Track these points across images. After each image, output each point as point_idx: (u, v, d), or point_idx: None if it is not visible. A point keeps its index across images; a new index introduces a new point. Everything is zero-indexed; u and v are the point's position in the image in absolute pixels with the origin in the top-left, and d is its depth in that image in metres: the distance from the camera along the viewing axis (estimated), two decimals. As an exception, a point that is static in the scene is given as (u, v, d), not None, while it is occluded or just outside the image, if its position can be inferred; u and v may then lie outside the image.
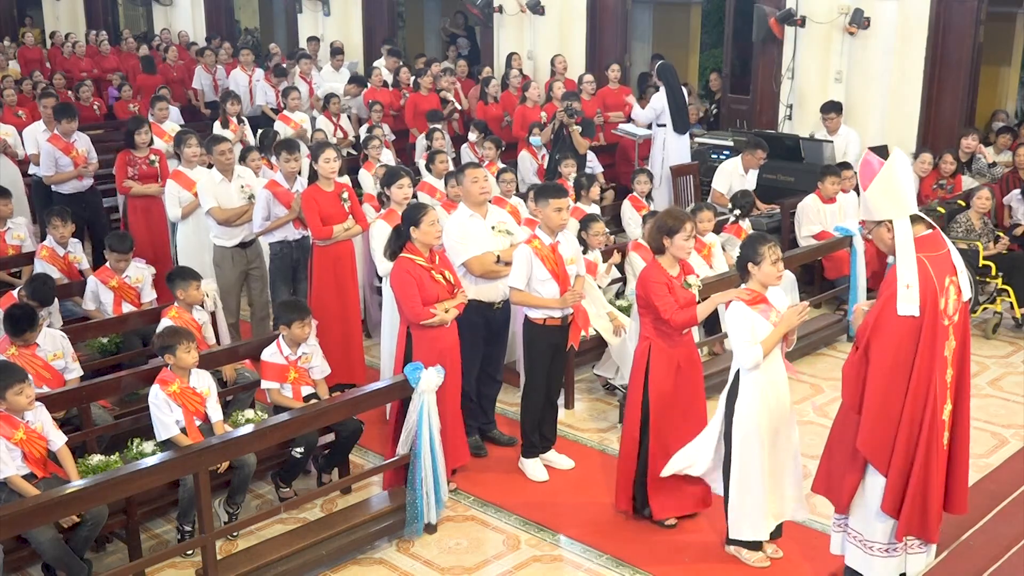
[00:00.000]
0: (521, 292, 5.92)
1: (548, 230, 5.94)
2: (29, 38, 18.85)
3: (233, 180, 7.77)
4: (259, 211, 7.44)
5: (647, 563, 5.34)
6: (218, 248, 7.78)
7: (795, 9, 11.68)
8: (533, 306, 5.96)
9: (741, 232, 8.51)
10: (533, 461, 6.26)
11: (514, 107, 11.90)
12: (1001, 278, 8.44)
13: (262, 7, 22.43)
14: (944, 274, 4.55)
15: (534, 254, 5.86)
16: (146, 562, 5.11)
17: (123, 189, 8.93)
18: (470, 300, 6.05)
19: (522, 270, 5.87)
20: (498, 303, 6.33)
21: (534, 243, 5.90)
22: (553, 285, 5.90)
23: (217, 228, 7.71)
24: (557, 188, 6.00)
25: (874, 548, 4.81)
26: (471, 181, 6.26)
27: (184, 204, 8.14)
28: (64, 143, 9.32)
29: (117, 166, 8.92)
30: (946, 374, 4.62)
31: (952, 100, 11.35)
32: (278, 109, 12.75)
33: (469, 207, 6.34)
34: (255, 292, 7.96)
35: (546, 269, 5.86)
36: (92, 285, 7.25)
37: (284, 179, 7.50)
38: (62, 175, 9.31)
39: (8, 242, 8.28)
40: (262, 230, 7.48)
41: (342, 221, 7.16)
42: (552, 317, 5.98)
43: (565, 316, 6.01)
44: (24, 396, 5.02)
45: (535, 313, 5.99)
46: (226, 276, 7.75)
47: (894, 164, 4.58)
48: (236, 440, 5.10)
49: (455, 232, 6.27)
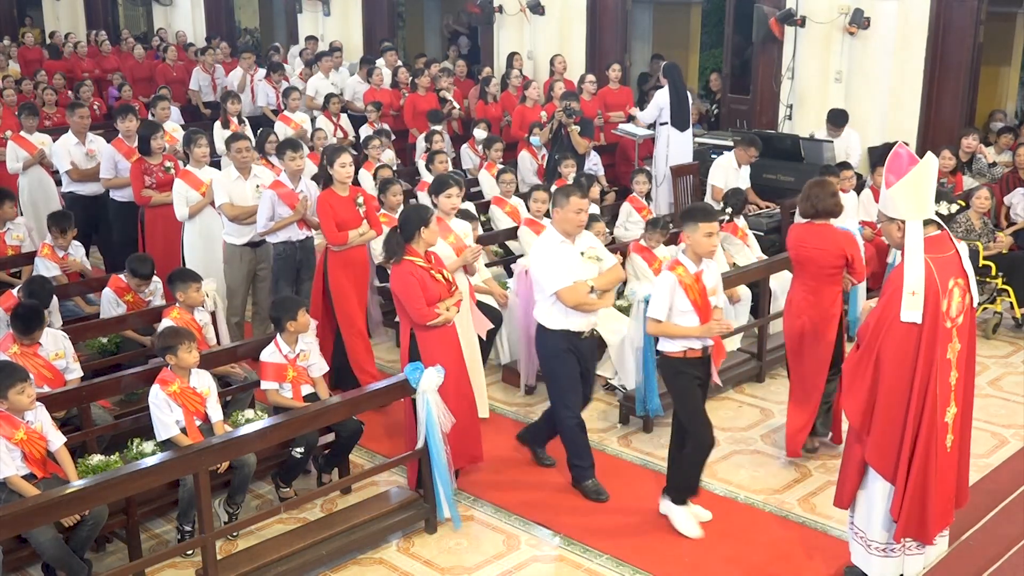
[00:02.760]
0: (660, 324, 5.37)
1: (694, 256, 5.35)
2: (29, 38, 18.84)
3: (249, 179, 7.77)
4: (264, 211, 7.41)
5: (647, 563, 5.34)
6: (228, 245, 7.77)
7: (795, 9, 11.68)
8: (673, 337, 5.41)
9: (737, 230, 8.52)
10: (683, 510, 5.61)
11: (514, 107, 11.91)
12: (1001, 278, 8.44)
13: (262, 7, 22.43)
14: (948, 276, 4.53)
15: (677, 283, 5.30)
16: (146, 562, 5.11)
17: (142, 199, 8.39)
18: (557, 328, 5.74)
19: (664, 300, 5.32)
20: (586, 332, 5.85)
21: (678, 270, 5.33)
22: (693, 318, 5.33)
23: (228, 225, 7.72)
24: (707, 210, 5.39)
25: (872, 547, 4.83)
26: (575, 211, 5.64)
27: (191, 204, 8.01)
28: (127, 147, 8.90)
29: (133, 175, 8.42)
30: (950, 376, 4.62)
31: (952, 100, 11.35)
32: (278, 110, 12.75)
33: (561, 233, 5.74)
34: (261, 292, 7.92)
35: (688, 300, 5.31)
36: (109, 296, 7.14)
37: (288, 179, 7.46)
38: (121, 180, 8.82)
39: (8, 242, 8.29)
40: (266, 230, 7.44)
41: (357, 226, 7.08)
42: (693, 349, 5.41)
43: (706, 348, 5.46)
44: (26, 395, 5.02)
45: (672, 346, 5.43)
46: (234, 273, 7.75)
47: (925, 168, 4.56)
48: (236, 440, 5.10)
49: (544, 259, 5.73)
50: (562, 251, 5.72)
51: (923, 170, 4.55)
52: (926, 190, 4.55)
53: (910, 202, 4.53)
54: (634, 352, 6.61)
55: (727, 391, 7.49)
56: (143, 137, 8.51)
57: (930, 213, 4.59)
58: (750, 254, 8.52)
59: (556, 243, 5.74)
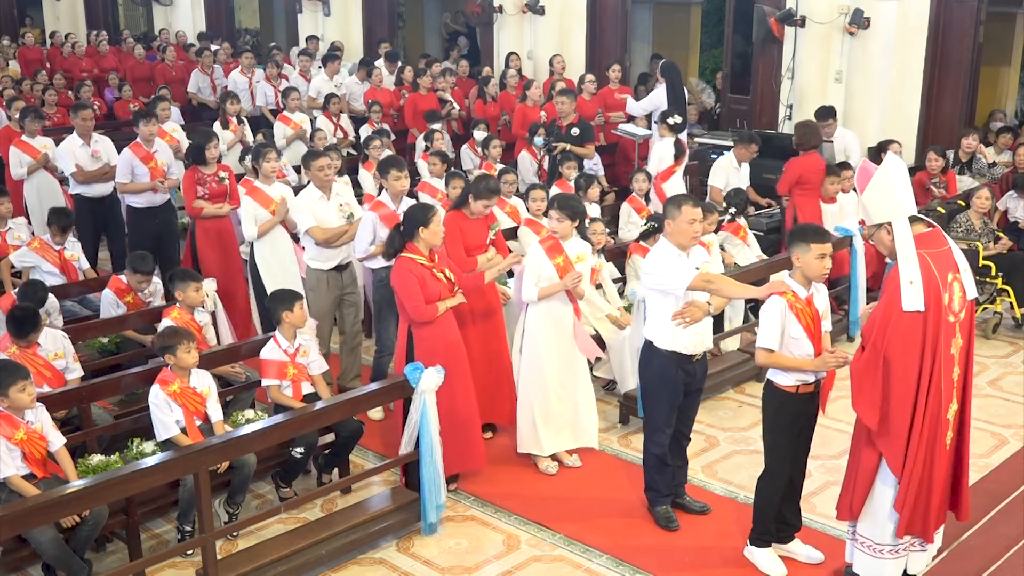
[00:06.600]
0: (772, 354, 4.95)
1: (803, 280, 4.96)
2: (29, 38, 18.84)
3: (332, 198, 7.13)
4: (364, 235, 6.77)
5: (647, 563, 5.34)
6: (312, 271, 7.15)
7: (795, 9, 11.68)
8: (786, 369, 4.98)
9: (739, 230, 8.52)
10: (765, 552, 5.29)
11: (512, 107, 11.91)
12: (1001, 278, 8.44)
13: (262, 7, 22.43)
14: (946, 270, 4.56)
15: (787, 308, 4.92)
16: (146, 562, 5.11)
17: (193, 211, 7.91)
18: (665, 350, 5.41)
19: (775, 328, 4.91)
20: (698, 355, 5.51)
21: (787, 295, 4.94)
22: (807, 345, 4.93)
23: (313, 249, 7.08)
24: (819, 231, 5.01)
25: (884, 551, 4.83)
26: (688, 221, 5.29)
27: (260, 222, 7.41)
28: (144, 152, 8.67)
29: (185, 185, 7.97)
30: (952, 372, 4.63)
31: (952, 100, 11.36)
32: (277, 109, 12.75)
33: (676, 246, 5.35)
34: (348, 320, 7.34)
35: (800, 325, 4.91)
36: (109, 298, 7.12)
37: (390, 199, 6.86)
38: (137, 185, 8.65)
39: (9, 242, 8.27)
40: (366, 255, 6.86)
41: (484, 252, 6.56)
42: (806, 383, 4.99)
43: (818, 380, 5.03)
44: (27, 394, 5.02)
45: (784, 379, 5.00)
46: (320, 301, 7.14)
47: (887, 167, 4.63)
48: (236, 440, 5.10)
49: (663, 268, 5.32)
50: (680, 263, 5.32)
51: (888, 170, 4.60)
52: (899, 188, 4.58)
53: (887, 202, 4.57)
54: (634, 353, 6.61)
55: (727, 391, 7.50)
56: (197, 146, 8.06)
57: (912, 210, 4.62)
58: (750, 254, 8.52)
59: (673, 256, 5.33)
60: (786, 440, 5.08)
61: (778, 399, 5.05)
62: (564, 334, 6.20)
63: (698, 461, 6.40)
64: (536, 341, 6.17)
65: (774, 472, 5.15)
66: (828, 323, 5.10)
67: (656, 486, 5.70)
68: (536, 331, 6.16)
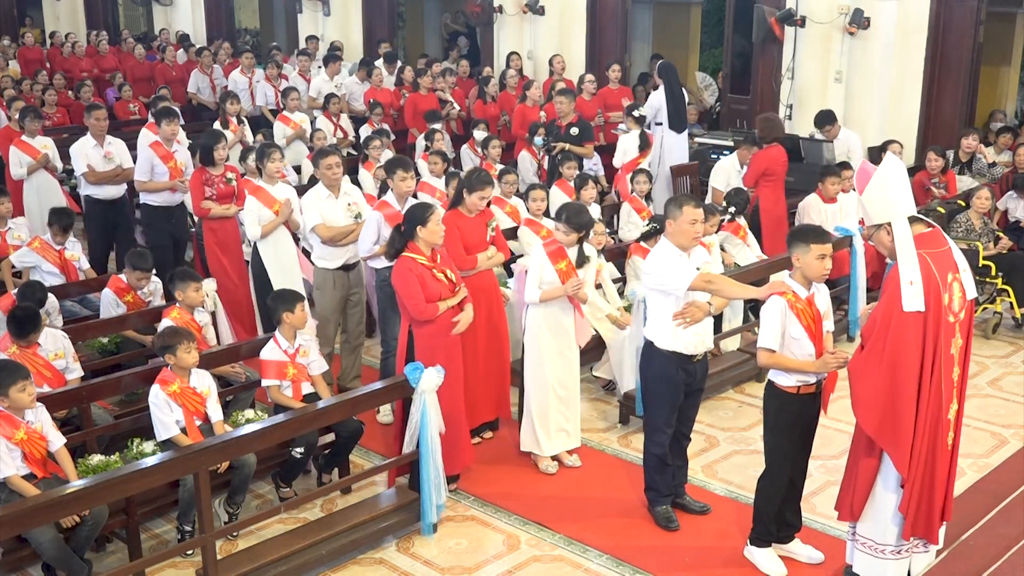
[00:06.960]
0: (773, 354, 4.97)
1: (803, 280, 4.98)
2: (29, 38, 18.85)
3: (340, 197, 7.16)
4: (369, 235, 6.80)
5: (647, 563, 5.34)
6: (319, 270, 7.18)
7: (795, 9, 11.68)
8: (787, 370, 5.00)
9: (739, 230, 8.52)
10: (765, 552, 5.29)
11: (512, 107, 11.92)
12: (1001, 278, 8.44)
13: (262, 7, 22.44)
14: (946, 270, 4.57)
15: (788, 308, 4.94)
16: (146, 562, 5.11)
17: (201, 211, 7.97)
18: (666, 350, 5.43)
19: (775, 328, 4.93)
20: (699, 355, 5.54)
21: (787, 295, 4.96)
22: (808, 345, 4.94)
23: (320, 248, 7.13)
24: (818, 232, 5.04)
25: (886, 551, 4.82)
26: (689, 222, 5.31)
27: (264, 223, 7.40)
28: (165, 151, 8.67)
29: (192, 186, 8.05)
30: (952, 372, 4.63)
31: (952, 100, 11.36)
32: (277, 110, 12.75)
33: (676, 247, 5.37)
34: (352, 320, 7.34)
35: (800, 326, 4.93)
36: (109, 297, 7.12)
37: (396, 200, 6.87)
38: (156, 184, 8.64)
39: (9, 242, 8.27)
40: (370, 255, 6.87)
41: (484, 250, 6.54)
42: (807, 384, 5.01)
43: (820, 381, 5.05)
44: (27, 393, 5.03)
45: (786, 380, 5.02)
46: (326, 300, 7.18)
47: (886, 167, 4.63)
48: (236, 440, 5.10)
49: (663, 267, 5.35)
50: (680, 264, 5.33)
51: (888, 170, 4.61)
52: (899, 188, 4.59)
53: (887, 203, 4.57)
54: (634, 353, 6.61)
55: (727, 391, 7.49)
56: (205, 146, 8.09)
57: (911, 210, 4.62)
58: (750, 254, 8.52)
59: (674, 256, 5.34)
60: (787, 441, 5.08)
61: (779, 400, 5.06)
62: (564, 335, 6.23)
63: (698, 461, 6.40)
64: (537, 342, 6.19)
65: (774, 472, 5.15)
66: (830, 323, 5.10)
67: (656, 486, 5.71)
68: (537, 332, 6.19)
